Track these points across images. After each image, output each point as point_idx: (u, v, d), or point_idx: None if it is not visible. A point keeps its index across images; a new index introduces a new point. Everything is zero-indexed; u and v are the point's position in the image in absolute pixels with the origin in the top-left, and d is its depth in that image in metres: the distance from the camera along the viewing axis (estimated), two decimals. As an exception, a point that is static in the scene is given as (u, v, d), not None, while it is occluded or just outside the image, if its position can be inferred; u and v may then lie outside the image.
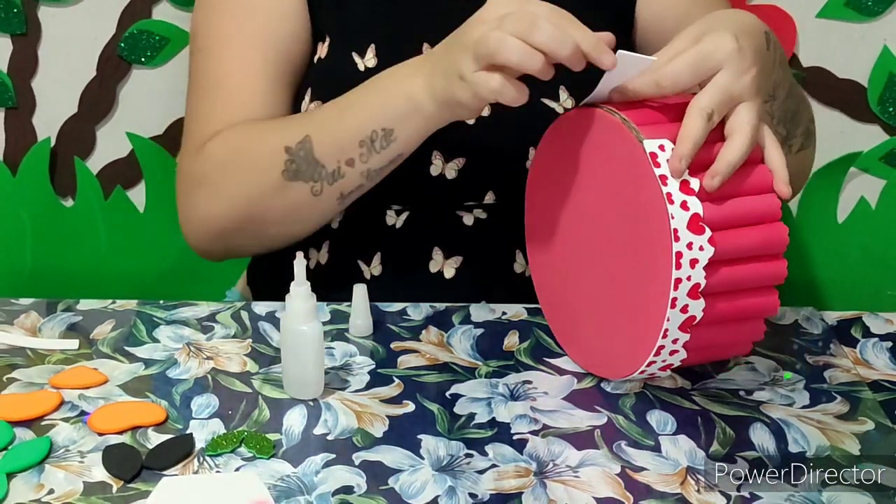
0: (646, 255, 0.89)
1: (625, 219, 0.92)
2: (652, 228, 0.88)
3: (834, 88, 1.55)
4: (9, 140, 1.55)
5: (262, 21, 1.17)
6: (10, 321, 1.07)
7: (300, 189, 1.09)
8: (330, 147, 1.07)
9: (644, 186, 0.88)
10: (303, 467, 0.87)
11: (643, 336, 0.91)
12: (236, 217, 1.13)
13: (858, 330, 1.10)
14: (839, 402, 0.97)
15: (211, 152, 1.14)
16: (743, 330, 0.94)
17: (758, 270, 0.91)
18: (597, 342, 0.98)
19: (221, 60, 1.17)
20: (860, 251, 1.61)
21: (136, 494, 0.83)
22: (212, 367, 1.01)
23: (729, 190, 0.89)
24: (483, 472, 0.87)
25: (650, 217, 0.88)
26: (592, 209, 0.96)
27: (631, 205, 0.91)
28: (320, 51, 1.18)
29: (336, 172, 1.08)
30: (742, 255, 0.90)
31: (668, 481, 0.86)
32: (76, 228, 1.58)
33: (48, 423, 0.92)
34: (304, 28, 1.18)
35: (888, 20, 1.53)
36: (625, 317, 0.94)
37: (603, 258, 0.95)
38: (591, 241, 0.97)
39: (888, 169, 1.58)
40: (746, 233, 0.90)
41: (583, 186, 0.97)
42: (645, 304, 0.90)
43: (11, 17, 1.50)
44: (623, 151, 0.90)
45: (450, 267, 1.17)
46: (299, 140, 1.07)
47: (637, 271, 0.91)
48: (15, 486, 0.84)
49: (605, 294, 0.96)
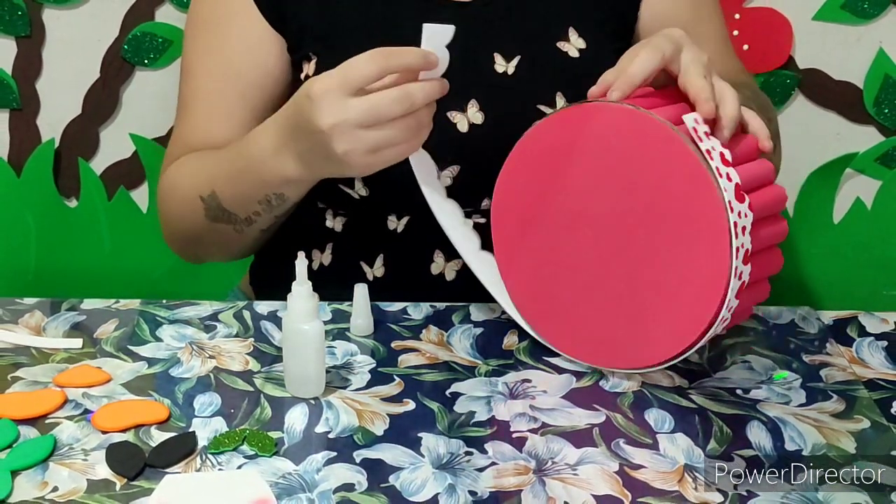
0: (692, 231, 0.91)
1: (658, 201, 0.93)
2: (700, 203, 0.90)
3: (830, 90, 1.55)
4: (13, 141, 1.55)
5: (226, 54, 1.18)
6: (15, 320, 1.07)
7: (224, 228, 1.14)
8: (233, 202, 1.11)
9: (685, 164, 0.90)
10: (304, 465, 0.87)
11: (694, 312, 0.92)
12: (186, 239, 1.20)
13: (854, 329, 1.10)
14: (835, 401, 0.97)
15: (162, 183, 1.20)
16: (756, 292, 0.97)
17: (772, 230, 0.96)
18: (621, 334, 0.98)
19: (192, 87, 1.20)
20: (856, 251, 1.61)
21: (139, 492, 0.83)
22: (214, 366, 1.01)
23: (742, 157, 0.93)
24: (483, 469, 0.87)
25: (697, 193, 0.90)
26: (604, 202, 0.96)
27: (665, 186, 0.92)
28: (307, 69, 1.17)
29: (248, 219, 1.12)
30: (763, 216, 0.94)
31: (666, 479, 0.86)
32: (80, 228, 1.58)
33: (52, 422, 0.92)
34: (274, 58, 1.18)
35: (884, 22, 1.53)
36: (665, 299, 0.94)
37: (626, 247, 0.95)
38: (605, 233, 0.96)
39: (884, 170, 1.58)
40: (763, 195, 0.94)
41: (587, 181, 0.96)
42: (697, 280, 0.91)
43: (16, 20, 1.50)
44: (650, 135, 0.92)
45: (451, 269, 1.17)
46: (209, 193, 1.12)
47: (681, 250, 0.92)
48: (19, 484, 0.84)
49: (632, 283, 0.96)
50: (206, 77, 1.19)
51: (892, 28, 1.53)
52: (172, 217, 1.19)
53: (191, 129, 1.19)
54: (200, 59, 1.19)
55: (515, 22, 1.18)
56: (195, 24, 1.21)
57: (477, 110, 1.14)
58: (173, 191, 1.18)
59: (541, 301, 1.02)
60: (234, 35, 1.18)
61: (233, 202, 1.11)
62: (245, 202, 1.10)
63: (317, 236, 1.19)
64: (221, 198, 1.11)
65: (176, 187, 1.17)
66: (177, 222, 1.19)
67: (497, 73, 1.15)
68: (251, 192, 1.09)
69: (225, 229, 1.14)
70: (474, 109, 1.14)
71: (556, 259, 1.00)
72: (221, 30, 1.18)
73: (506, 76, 1.14)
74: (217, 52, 1.18)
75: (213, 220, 1.13)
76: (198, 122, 1.19)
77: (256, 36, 1.17)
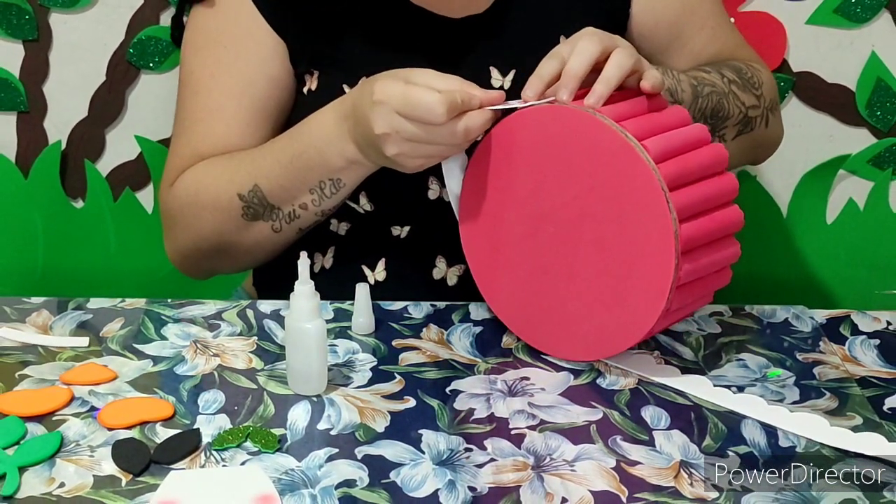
0: (636, 220, 0.93)
1: (603, 194, 0.95)
2: (639, 194, 0.92)
3: (823, 93, 1.55)
4: (21, 143, 1.55)
5: (241, 69, 1.17)
6: (22, 319, 1.07)
7: (261, 227, 1.12)
8: (280, 194, 1.10)
9: (621, 158, 0.93)
10: (307, 461, 0.87)
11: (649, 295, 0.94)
12: (207, 250, 1.17)
13: (847, 328, 1.10)
14: (828, 398, 0.97)
15: (177, 192, 1.17)
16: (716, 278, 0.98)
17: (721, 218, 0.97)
18: (594, 324, 0.98)
19: (199, 102, 1.18)
20: (849, 251, 1.61)
21: (144, 488, 0.83)
22: (218, 364, 1.01)
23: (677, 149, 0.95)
24: (482, 466, 0.87)
25: (636, 183, 0.92)
26: (557, 200, 0.97)
27: (606, 179, 0.94)
28: (309, 83, 1.17)
29: (292, 213, 1.11)
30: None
31: (662, 475, 0.86)
32: (86, 229, 1.58)
33: (59, 419, 0.92)
34: (284, 69, 1.17)
35: (876, 27, 1.53)
36: (622, 286, 0.95)
37: (583, 242, 0.97)
38: (563, 230, 0.98)
39: (876, 171, 1.58)
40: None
41: (539, 182, 0.98)
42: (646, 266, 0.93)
43: (23, 24, 1.50)
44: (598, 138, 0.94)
45: (452, 275, 1.17)
46: (250, 188, 1.10)
47: (628, 238, 0.94)
48: (27, 480, 0.84)
49: (592, 275, 0.97)
50: (221, 93, 1.17)
51: (884, 32, 1.53)
52: (193, 226, 1.16)
53: (203, 142, 1.17)
54: (212, 76, 1.17)
55: (508, 35, 1.17)
56: (201, 41, 1.19)
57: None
58: (197, 197, 1.14)
59: (526, 312, 1.03)
60: (248, 50, 1.16)
61: (281, 193, 1.09)
62: (296, 191, 1.09)
63: (320, 239, 1.19)
64: (267, 190, 1.10)
65: (201, 192, 1.14)
66: (198, 231, 1.15)
67: (494, 87, 1.15)
68: (306, 178, 1.08)
69: (261, 230, 1.12)
70: None
71: (529, 266, 1.01)
72: (234, 45, 1.17)
73: (503, 91, 1.14)
74: (231, 67, 1.17)
75: (252, 218, 1.11)
76: (213, 136, 1.17)
77: (268, 49, 1.16)
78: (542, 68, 0.98)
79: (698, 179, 0.95)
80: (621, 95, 0.97)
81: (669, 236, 0.91)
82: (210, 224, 1.14)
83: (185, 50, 1.21)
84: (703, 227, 0.94)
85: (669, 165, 0.92)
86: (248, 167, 1.11)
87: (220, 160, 1.15)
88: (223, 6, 1.17)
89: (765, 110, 1.19)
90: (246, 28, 1.16)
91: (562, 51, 0.99)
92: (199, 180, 1.15)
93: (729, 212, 0.97)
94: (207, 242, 1.16)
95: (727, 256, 0.98)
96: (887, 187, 1.59)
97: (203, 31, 1.19)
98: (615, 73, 0.96)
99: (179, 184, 1.16)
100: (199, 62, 1.19)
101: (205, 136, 1.17)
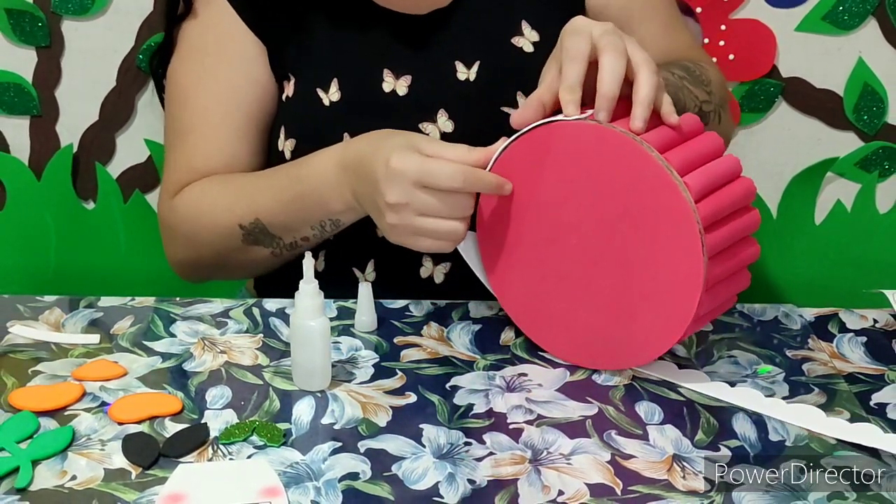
0: (663, 236, 0.91)
1: (629, 209, 0.92)
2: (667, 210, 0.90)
3: (812, 98, 1.55)
4: (34, 146, 1.55)
5: (225, 74, 1.16)
6: (35, 317, 1.07)
7: (261, 251, 1.12)
8: (282, 229, 1.10)
9: (650, 173, 0.90)
10: (311, 455, 0.87)
11: (673, 313, 0.92)
12: (207, 264, 1.17)
13: (835, 325, 1.09)
14: (817, 394, 0.97)
15: (179, 209, 1.16)
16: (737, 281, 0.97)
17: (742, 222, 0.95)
18: (611, 335, 0.97)
19: (189, 111, 1.17)
20: (836, 251, 1.61)
21: (153, 480, 0.83)
22: (225, 361, 1.01)
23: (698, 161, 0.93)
24: (481, 459, 0.87)
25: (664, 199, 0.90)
26: (581, 211, 0.95)
27: (633, 194, 0.92)
28: (287, 90, 1.17)
29: (294, 244, 1.11)
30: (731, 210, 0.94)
31: (656, 468, 0.86)
32: (97, 229, 1.58)
33: (71, 414, 0.92)
34: (267, 73, 1.17)
35: (863, 33, 1.52)
36: (646, 301, 0.94)
37: (607, 253, 0.95)
38: (586, 240, 0.96)
39: (863, 174, 1.58)
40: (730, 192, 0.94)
41: (563, 193, 0.96)
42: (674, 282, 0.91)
43: (36, 31, 1.50)
44: (615, 148, 0.91)
45: (439, 273, 1.17)
46: (251, 221, 1.10)
47: (655, 254, 0.92)
48: (40, 473, 0.84)
49: (615, 287, 0.95)
50: (208, 99, 1.16)
51: (871, 39, 1.53)
52: (193, 241, 1.16)
53: (196, 152, 1.17)
54: (199, 84, 1.17)
55: (471, 26, 1.17)
56: (185, 53, 1.19)
57: (447, 119, 1.14)
58: (197, 220, 1.14)
59: (534, 310, 1.02)
60: (231, 53, 1.16)
61: (282, 228, 1.09)
62: (297, 227, 1.09)
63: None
64: (268, 223, 1.09)
65: (201, 216, 1.14)
66: (197, 247, 1.16)
67: (460, 80, 1.15)
68: (306, 217, 1.08)
69: (261, 253, 1.12)
70: (444, 119, 1.14)
71: (544, 269, 0.99)
72: (217, 51, 1.17)
73: (468, 83, 1.14)
74: (215, 73, 1.17)
75: (253, 243, 1.11)
76: (204, 144, 1.16)
77: (250, 52, 1.16)
78: (570, 75, 0.94)
79: (729, 215, 0.93)
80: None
81: (699, 274, 0.90)
82: (209, 243, 1.14)
83: (172, 64, 1.21)
84: (725, 263, 0.93)
85: (706, 205, 0.90)
86: (248, 200, 1.11)
87: (217, 184, 1.14)
88: (204, 15, 1.18)
89: (717, 106, 1.17)
90: (227, 32, 1.16)
91: (580, 48, 0.94)
92: (197, 204, 1.15)
93: (748, 246, 0.96)
94: (206, 258, 1.16)
95: (737, 286, 0.97)
96: (874, 189, 1.59)
97: (187, 41, 1.19)
98: (650, 94, 0.92)
99: (179, 201, 1.16)
100: (184, 71, 1.19)
101: (196, 145, 1.17)
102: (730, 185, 0.94)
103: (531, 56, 1.16)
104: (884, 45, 1.53)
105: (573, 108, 0.93)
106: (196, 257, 1.17)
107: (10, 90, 1.52)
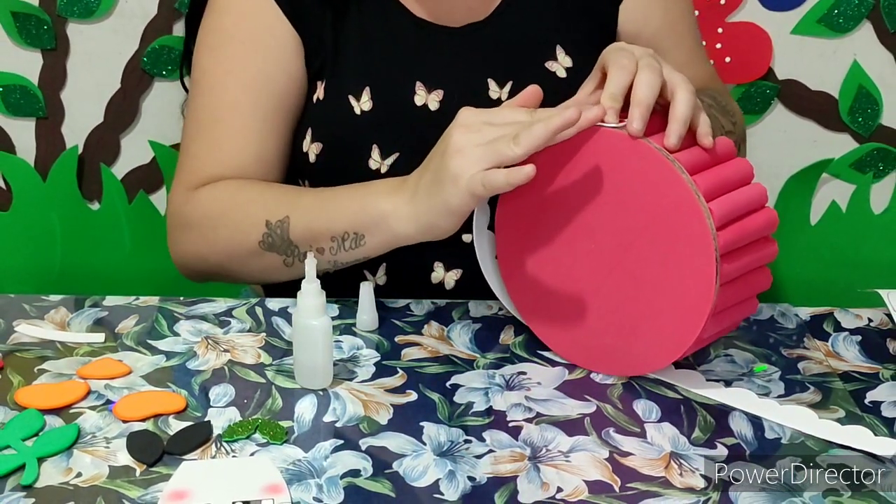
0: (681, 255, 0.90)
1: (650, 223, 0.92)
2: (688, 230, 0.89)
3: (807, 100, 1.55)
4: (39, 148, 1.55)
5: (259, 65, 1.13)
6: (41, 316, 1.07)
7: (273, 258, 1.08)
8: (303, 233, 1.06)
9: (676, 190, 0.89)
10: (313, 452, 0.87)
11: (680, 330, 0.92)
12: (215, 264, 1.13)
13: (830, 325, 1.09)
14: (812, 392, 0.97)
15: (201, 202, 1.12)
16: (744, 308, 0.97)
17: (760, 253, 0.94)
18: (616, 342, 0.97)
19: (216, 102, 1.14)
20: (832, 251, 1.61)
21: (157, 477, 0.83)
22: (228, 359, 1.01)
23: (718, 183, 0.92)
24: (481, 456, 0.87)
25: (686, 220, 0.89)
26: (602, 218, 0.95)
27: (656, 209, 0.91)
28: (318, 91, 1.15)
29: (307, 255, 1.07)
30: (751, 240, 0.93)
31: (653, 465, 0.86)
32: (102, 230, 1.58)
33: (76, 411, 0.92)
34: (300, 69, 1.14)
35: (858, 36, 1.53)
36: (655, 314, 0.93)
37: (622, 262, 0.94)
38: (603, 247, 0.95)
39: (857, 175, 1.58)
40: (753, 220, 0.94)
41: (585, 198, 0.95)
42: (684, 300, 0.91)
43: (42, 34, 1.50)
44: (645, 161, 0.90)
45: (450, 279, 1.16)
46: (279, 218, 1.06)
47: (669, 270, 0.91)
48: (45, 470, 0.84)
49: (626, 296, 0.95)
50: (237, 88, 1.13)
51: (866, 41, 1.53)
52: (208, 238, 1.12)
53: (222, 144, 1.13)
54: (228, 72, 1.13)
55: (506, 44, 1.15)
56: (215, 40, 1.15)
57: None
58: (226, 213, 1.10)
59: (541, 306, 1.02)
60: (266, 44, 1.13)
61: (304, 232, 1.05)
62: (317, 234, 1.05)
63: None
64: (293, 224, 1.05)
65: (230, 210, 1.10)
66: (211, 245, 1.12)
67: (492, 99, 1.14)
68: (333, 222, 1.04)
69: (273, 261, 1.08)
70: None
71: (557, 268, 0.99)
72: (251, 40, 1.13)
73: (500, 103, 1.12)
74: (247, 62, 1.13)
75: (268, 248, 1.07)
76: (232, 136, 1.13)
77: (286, 44, 1.13)
78: (614, 83, 0.93)
79: (749, 244, 0.93)
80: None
81: (708, 300, 0.90)
82: (225, 243, 1.11)
83: (196, 53, 1.17)
84: (737, 291, 0.93)
85: (727, 233, 0.90)
86: (289, 198, 1.08)
87: (260, 184, 1.12)
88: (237, 4, 1.14)
89: (738, 139, 1.17)
90: (264, 23, 1.13)
91: (625, 62, 0.94)
92: (230, 198, 1.11)
93: (760, 275, 0.95)
94: (215, 257, 1.12)
95: (744, 312, 0.97)
96: (868, 190, 1.59)
97: (216, 30, 1.15)
98: (686, 112, 0.92)
99: (206, 196, 1.12)
100: (213, 60, 1.14)
101: (222, 137, 1.13)
102: (754, 214, 0.93)
103: (564, 81, 1.15)
104: (878, 48, 1.53)
105: (613, 116, 0.92)
106: (207, 253, 1.13)
107: (16, 92, 1.52)
